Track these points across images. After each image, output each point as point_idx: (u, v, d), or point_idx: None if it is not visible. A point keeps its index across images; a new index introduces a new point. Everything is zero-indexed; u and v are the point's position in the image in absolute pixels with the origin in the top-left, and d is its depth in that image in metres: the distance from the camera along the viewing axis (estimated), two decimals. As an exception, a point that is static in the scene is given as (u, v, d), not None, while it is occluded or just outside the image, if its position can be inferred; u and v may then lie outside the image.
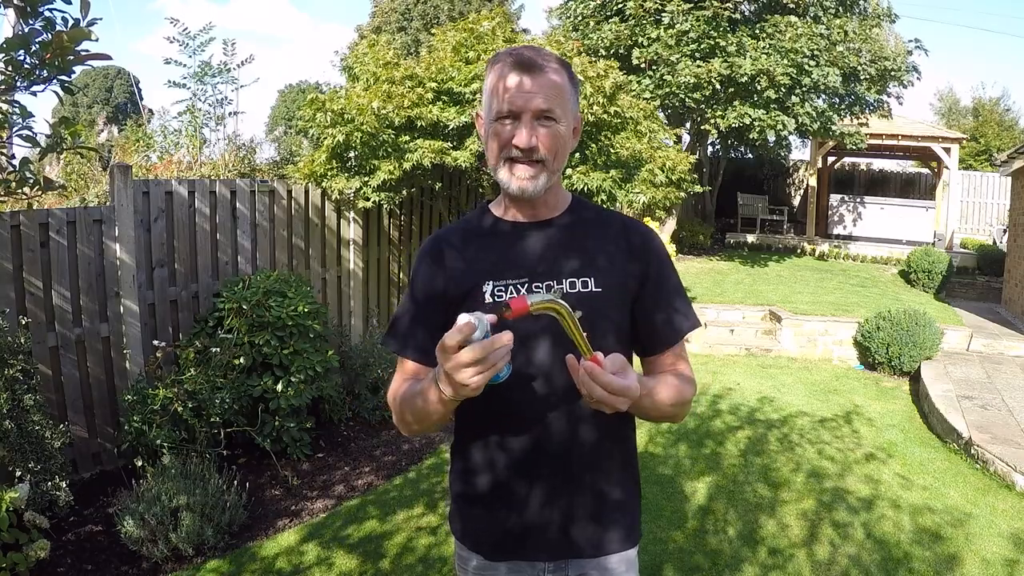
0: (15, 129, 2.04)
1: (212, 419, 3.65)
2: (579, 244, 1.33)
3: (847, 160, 16.90)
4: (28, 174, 2.10)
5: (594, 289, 1.29)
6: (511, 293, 1.27)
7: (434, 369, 1.15)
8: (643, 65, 9.64)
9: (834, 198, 15.14)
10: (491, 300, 1.27)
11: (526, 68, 1.24)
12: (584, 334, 1.10)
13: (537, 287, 1.28)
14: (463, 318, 1.05)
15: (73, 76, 1.89)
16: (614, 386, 1.08)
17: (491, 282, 1.29)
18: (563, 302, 1.07)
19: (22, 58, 1.79)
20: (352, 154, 5.03)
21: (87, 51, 1.82)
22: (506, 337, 1.05)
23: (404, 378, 1.35)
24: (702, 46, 9.32)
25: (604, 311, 1.29)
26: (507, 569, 1.37)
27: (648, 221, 10.33)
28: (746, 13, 10.55)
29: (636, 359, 1.39)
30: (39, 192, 2.20)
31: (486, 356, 1.03)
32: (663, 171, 6.09)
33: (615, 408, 1.11)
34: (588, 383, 1.09)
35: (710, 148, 13.35)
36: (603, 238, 1.35)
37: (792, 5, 9.94)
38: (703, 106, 9.65)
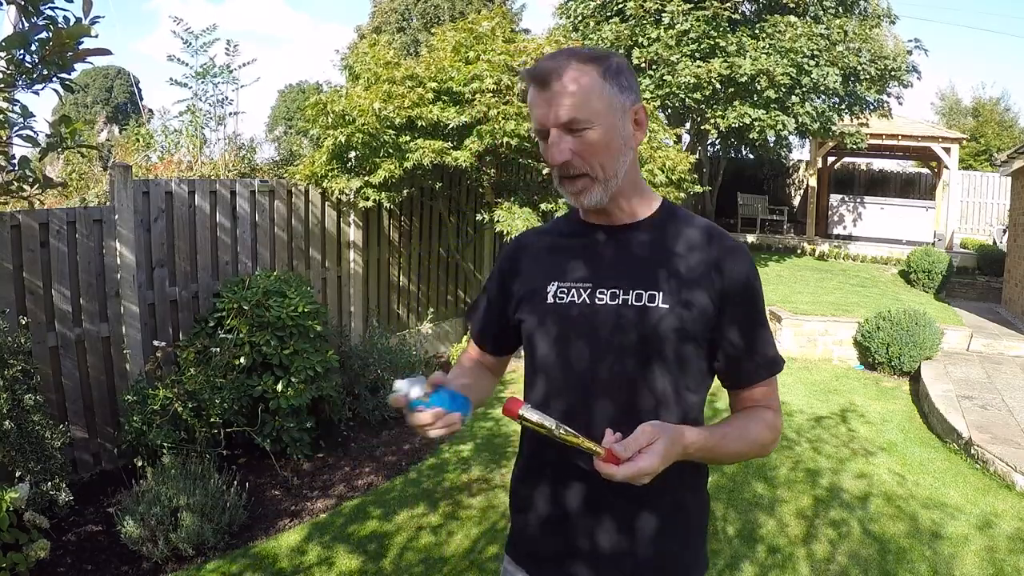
0: (15, 129, 2.04)
1: (212, 419, 3.64)
2: (653, 255, 1.24)
3: (847, 160, 16.91)
4: (28, 172, 2.10)
5: (660, 305, 1.20)
6: (573, 296, 1.25)
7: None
8: (643, 65, 9.64)
9: (834, 198, 15.14)
10: (552, 300, 1.27)
11: (542, 81, 1.16)
12: (582, 440, 1.09)
13: (602, 293, 1.23)
14: (397, 385, 1.14)
15: (73, 74, 1.89)
16: (628, 477, 1.05)
17: (556, 283, 1.28)
18: (557, 428, 1.10)
19: (22, 56, 1.79)
20: (353, 154, 5.04)
21: (87, 47, 1.82)
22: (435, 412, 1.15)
23: (467, 356, 1.50)
24: (702, 46, 9.32)
25: (667, 333, 1.19)
26: None
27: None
28: (746, 13, 10.55)
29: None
30: (39, 191, 2.19)
31: (434, 420, 1.15)
32: (663, 171, 6.08)
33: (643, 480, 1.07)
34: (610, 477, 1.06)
35: (710, 148, 13.35)
36: (682, 251, 1.23)
37: (792, 5, 9.94)
38: (703, 106, 9.65)
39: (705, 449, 1.16)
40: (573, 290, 1.25)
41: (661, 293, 1.20)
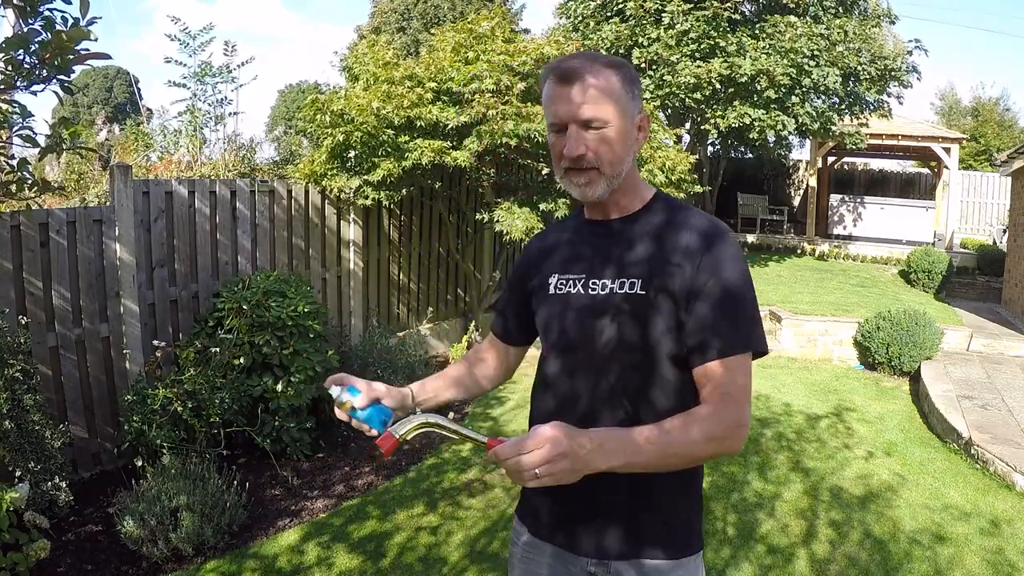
0: (15, 129, 2.04)
1: (212, 419, 3.64)
2: (637, 243, 1.31)
3: (847, 160, 16.90)
4: (26, 175, 2.10)
5: (638, 292, 1.27)
6: (570, 287, 1.35)
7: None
8: (643, 65, 9.64)
9: (834, 198, 15.14)
10: (554, 291, 1.37)
11: (567, 78, 1.25)
12: (467, 432, 1.13)
13: (594, 283, 1.32)
14: (332, 391, 1.33)
15: (73, 76, 1.89)
16: (510, 463, 1.03)
17: (557, 275, 1.38)
18: (432, 416, 1.15)
19: (21, 58, 1.79)
20: (352, 154, 5.04)
21: (87, 50, 1.82)
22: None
23: (477, 347, 1.62)
24: (702, 46, 9.32)
25: (647, 316, 1.26)
26: (552, 554, 1.39)
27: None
28: (746, 13, 10.55)
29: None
30: (37, 193, 2.19)
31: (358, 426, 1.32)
32: (663, 171, 6.09)
33: (557, 474, 1.03)
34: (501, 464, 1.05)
35: (710, 148, 13.35)
36: (663, 239, 1.30)
37: (792, 5, 9.94)
38: (703, 106, 9.65)
39: (625, 441, 1.11)
40: (571, 281, 1.36)
41: (641, 280, 1.27)
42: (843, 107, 10.54)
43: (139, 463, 3.47)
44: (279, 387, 3.99)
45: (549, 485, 1.04)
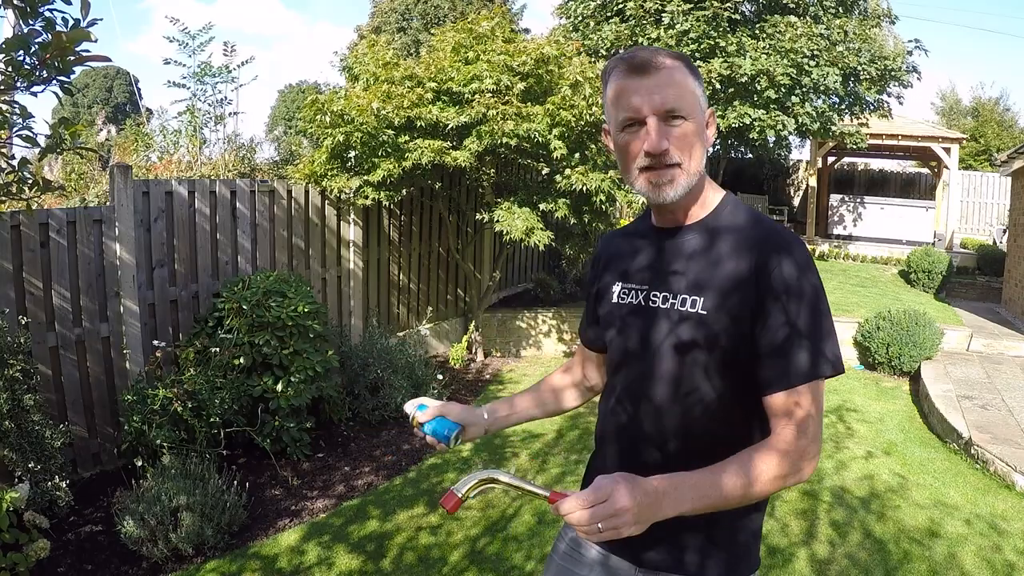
0: (15, 130, 2.04)
1: (212, 419, 3.65)
2: (702, 255, 1.23)
3: (847, 160, 16.90)
4: (27, 175, 2.10)
5: (700, 311, 1.19)
6: (632, 297, 1.30)
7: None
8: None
9: (834, 198, 15.14)
10: (617, 300, 1.33)
11: (642, 69, 1.17)
12: (527, 486, 1.12)
13: (655, 295, 1.26)
14: (407, 407, 1.38)
15: (73, 77, 1.89)
16: (577, 516, 1.01)
17: (621, 283, 1.34)
18: (492, 471, 1.15)
19: (22, 58, 1.79)
20: (352, 154, 5.04)
21: (87, 52, 1.82)
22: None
23: (578, 355, 1.56)
24: (702, 46, 9.32)
25: (708, 337, 1.18)
26: (597, 557, 1.35)
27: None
28: (746, 13, 10.55)
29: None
30: (37, 193, 2.20)
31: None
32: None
33: (621, 528, 1.01)
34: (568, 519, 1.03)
35: (710, 148, 13.34)
36: (729, 251, 1.20)
37: (792, 5, 9.94)
38: (703, 106, 9.65)
39: (688, 487, 1.08)
40: (633, 291, 1.31)
41: (703, 298, 1.20)
42: (843, 107, 10.54)
43: (139, 463, 3.47)
44: (279, 387, 4.00)
45: (614, 538, 1.01)
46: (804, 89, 9.49)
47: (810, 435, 1.14)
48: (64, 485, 3.17)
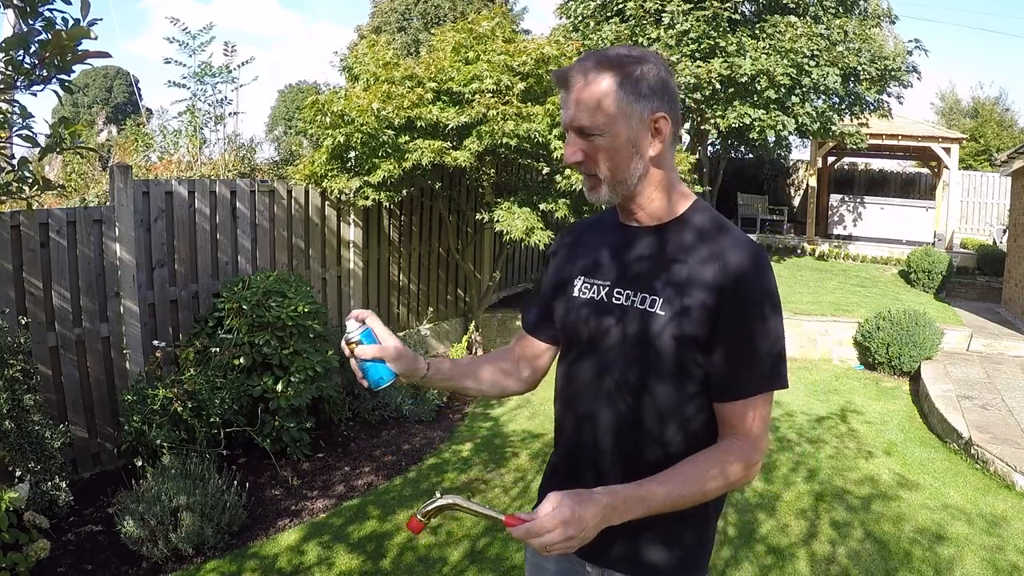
0: (15, 129, 2.04)
1: (212, 419, 3.65)
2: (665, 259, 1.24)
3: (847, 160, 16.90)
4: (27, 174, 2.10)
5: (657, 311, 1.21)
6: (593, 292, 1.30)
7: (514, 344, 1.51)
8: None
9: (834, 198, 15.14)
10: (577, 294, 1.33)
11: (562, 83, 1.22)
12: (485, 511, 1.17)
13: (618, 293, 1.26)
14: (349, 323, 1.32)
15: (73, 75, 1.89)
16: (530, 537, 1.09)
17: (583, 278, 1.33)
18: (452, 497, 1.19)
19: (21, 57, 1.79)
20: (352, 154, 5.04)
21: (86, 50, 1.82)
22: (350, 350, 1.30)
23: (518, 342, 1.51)
24: (702, 46, 9.32)
25: (661, 340, 1.20)
26: (555, 558, 1.38)
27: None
28: (746, 13, 10.54)
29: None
30: (38, 192, 2.19)
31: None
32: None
33: (571, 547, 1.09)
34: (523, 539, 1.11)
35: (710, 148, 13.34)
36: (690, 257, 1.22)
37: (792, 5, 9.94)
38: (703, 106, 9.65)
39: (635, 500, 1.14)
40: (595, 286, 1.31)
41: (661, 299, 1.21)
42: (843, 107, 10.53)
43: (139, 463, 3.47)
44: (279, 387, 3.99)
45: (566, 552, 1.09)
46: (804, 89, 9.48)
47: (757, 441, 1.20)
48: (64, 485, 3.17)
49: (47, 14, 1.77)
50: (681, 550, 1.28)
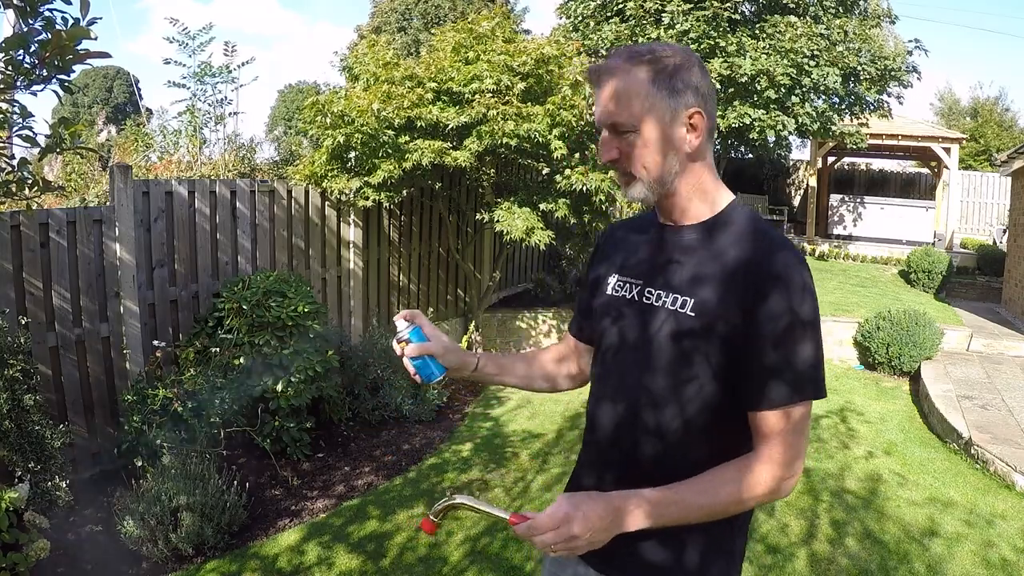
0: (15, 129, 2.04)
1: (212, 419, 3.64)
2: (698, 258, 1.20)
3: (847, 160, 16.91)
4: (27, 174, 2.10)
5: (688, 313, 1.17)
6: (626, 291, 1.29)
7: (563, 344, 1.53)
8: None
9: (834, 198, 15.15)
10: (611, 292, 1.32)
11: (594, 80, 1.20)
12: (491, 509, 1.18)
13: (650, 292, 1.24)
14: (398, 323, 1.37)
15: (73, 75, 1.89)
16: (533, 537, 1.08)
17: (617, 275, 1.32)
18: (461, 497, 1.21)
19: (21, 57, 1.79)
20: (352, 155, 5.04)
21: (86, 50, 1.82)
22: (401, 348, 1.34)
23: (565, 342, 1.53)
24: (702, 46, 9.32)
25: (694, 343, 1.16)
26: (578, 560, 1.35)
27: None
28: (746, 13, 10.55)
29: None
30: (37, 193, 2.19)
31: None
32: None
33: (577, 548, 1.09)
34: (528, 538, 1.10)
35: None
36: (724, 257, 1.17)
37: (792, 5, 9.94)
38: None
39: (646, 503, 1.11)
40: (628, 285, 1.29)
41: (692, 300, 1.18)
42: (843, 107, 10.54)
43: (139, 463, 3.47)
44: (279, 387, 3.99)
45: (570, 555, 1.09)
46: (804, 89, 9.49)
47: (788, 456, 1.15)
48: (64, 485, 3.17)
49: (47, 14, 1.77)
50: (698, 560, 1.23)
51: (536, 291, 7.84)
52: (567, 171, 5.25)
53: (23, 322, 3.44)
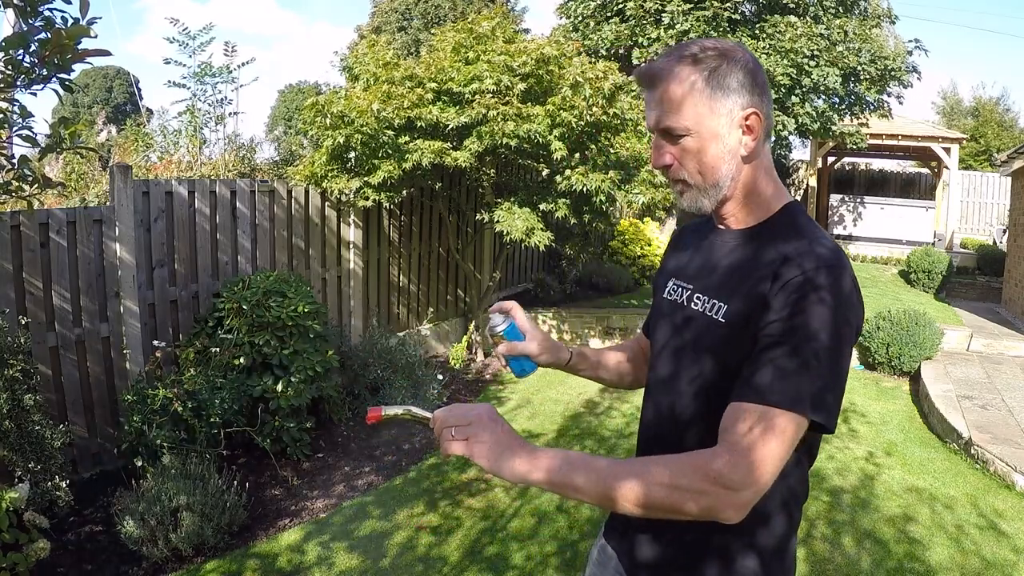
0: (15, 129, 2.04)
1: (212, 419, 3.64)
2: (737, 263, 1.18)
3: (847, 160, 16.92)
4: (27, 172, 2.10)
5: (720, 318, 1.15)
6: (678, 295, 1.29)
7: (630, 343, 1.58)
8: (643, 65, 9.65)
9: (834, 198, 15.15)
10: (666, 295, 1.33)
11: (644, 83, 1.16)
12: (421, 412, 1.21)
13: (698, 297, 1.22)
14: (493, 317, 1.40)
15: (73, 74, 1.89)
16: (443, 412, 1.13)
17: (673, 279, 1.32)
18: (413, 410, 1.22)
19: (21, 56, 1.79)
20: (352, 155, 5.04)
21: (86, 49, 1.82)
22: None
23: (638, 340, 1.56)
24: (702, 46, 9.31)
25: (724, 347, 1.13)
26: (598, 551, 1.40)
27: (648, 221, 10.33)
28: (746, 13, 10.54)
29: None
30: (38, 190, 2.19)
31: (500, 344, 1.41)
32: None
33: (458, 447, 1.10)
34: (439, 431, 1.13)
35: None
36: (762, 263, 1.12)
37: (792, 5, 9.94)
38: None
39: (553, 458, 1.05)
40: (680, 289, 1.29)
41: (727, 306, 1.15)
42: (843, 107, 10.54)
43: (139, 463, 3.47)
44: (279, 387, 3.99)
45: (462, 453, 1.09)
46: (804, 89, 9.49)
47: (737, 462, 0.98)
48: (64, 485, 3.17)
49: (47, 13, 1.77)
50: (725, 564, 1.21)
51: (536, 291, 7.84)
52: (567, 171, 5.25)
53: (23, 322, 3.44)
